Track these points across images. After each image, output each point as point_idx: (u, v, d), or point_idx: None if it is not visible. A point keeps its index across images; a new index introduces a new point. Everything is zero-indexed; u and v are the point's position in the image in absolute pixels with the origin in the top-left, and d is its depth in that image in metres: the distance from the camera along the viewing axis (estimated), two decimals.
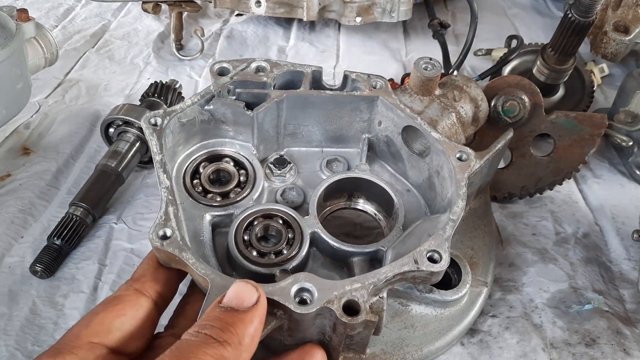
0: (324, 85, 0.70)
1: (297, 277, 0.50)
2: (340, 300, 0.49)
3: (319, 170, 0.73)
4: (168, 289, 0.54)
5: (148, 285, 0.52)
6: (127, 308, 0.49)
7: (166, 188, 0.57)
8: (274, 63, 0.70)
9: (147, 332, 0.51)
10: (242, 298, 0.45)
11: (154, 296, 0.52)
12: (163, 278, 0.54)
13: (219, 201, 0.66)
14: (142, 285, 0.52)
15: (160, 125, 0.62)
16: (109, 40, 1.23)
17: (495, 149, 0.65)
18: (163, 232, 0.53)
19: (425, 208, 0.70)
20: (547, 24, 1.30)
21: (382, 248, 0.62)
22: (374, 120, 0.72)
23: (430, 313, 0.64)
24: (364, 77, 0.70)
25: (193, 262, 0.51)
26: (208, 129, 0.69)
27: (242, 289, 0.45)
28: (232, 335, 0.42)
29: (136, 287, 0.51)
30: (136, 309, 0.50)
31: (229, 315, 0.44)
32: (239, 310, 0.44)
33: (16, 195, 0.83)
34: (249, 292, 0.45)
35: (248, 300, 0.45)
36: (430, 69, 0.68)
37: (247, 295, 0.45)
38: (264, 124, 0.69)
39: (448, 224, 0.56)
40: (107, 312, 0.49)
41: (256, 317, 0.45)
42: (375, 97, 0.69)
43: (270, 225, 0.64)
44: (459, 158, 0.62)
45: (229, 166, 0.69)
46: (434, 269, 0.52)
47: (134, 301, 0.50)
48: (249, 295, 0.45)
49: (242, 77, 0.68)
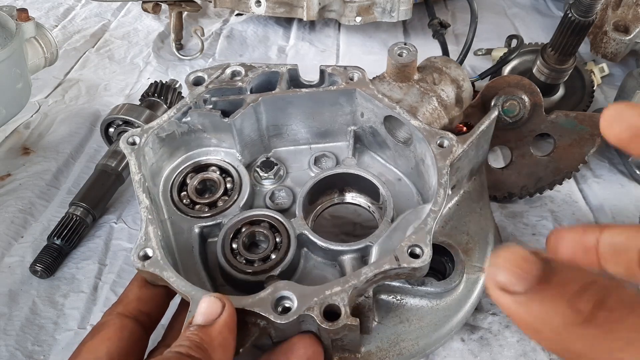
0: (302, 82, 0.69)
1: (276, 286, 0.50)
2: (320, 306, 0.48)
3: (307, 168, 0.72)
4: (154, 307, 0.55)
5: (132, 307, 0.53)
6: (112, 332, 0.50)
7: (145, 207, 0.57)
8: (249, 66, 0.68)
9: (136, 352, 0.51)
10: (209, 313, 0.46)
11: (139, 317, 0.52)
12: (147, 297, 0.54)
13: (207, 211, 0.65)
14: (126, 307, 0.53)
15: (138, 143, 0.61)
16: (109, 40, 1.23)
17: (478, 130, 0.62)
18: (144, 253, 0.53)
19: (418, 196, 0.68)
20: (547, 23, 1.30)
21: (371, 244, 0.61)
22: (357, 112, 0.70)
23: (426, 305, 0.62)
24: (340, 70, 0.68)
25: (174, 280, 0.51)
26: (190, 139, 0.68)
27: (208, 304, 0.46)
28: (201, 351, 0.43)
29: (119, 311, 0.52)
30: (121, 331, 0.50)
31: (198, 332, 0.45)
32: (207, 326, 0.45)
33: (16, 195, 0.83)
34: (214, 304, 0.46)
35: (215, 314, 0.46)
36: (406, 54, 0.67)
37: (213, 309, 0.46)
38: (244, 130, 0.68)
39: (429, 216, 0.54)
40: (94, 339, 0.50)
41: (222, 327, 0.46)
42: (352, 90, 0.67)
43: (256, 231, 0.63)
44: (440, 145, 0.60)
45: (215, 175, 0.68)
46: (416, 264, 0.50)
47: (118, 325, 0.51)
48: (215, 308, 0.46)
49: (218, 85, 0.67)
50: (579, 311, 0.28)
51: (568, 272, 0.29)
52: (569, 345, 0.28)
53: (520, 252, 0.29)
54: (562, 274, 0.29)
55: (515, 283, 0.29)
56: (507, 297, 0.29)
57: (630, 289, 0.28)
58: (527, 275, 0.29)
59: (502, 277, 0.29)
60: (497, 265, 0.29)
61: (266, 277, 0.59)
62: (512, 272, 0.29)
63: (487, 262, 0.66)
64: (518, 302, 0.29)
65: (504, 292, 0.29)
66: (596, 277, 0.29)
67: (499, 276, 0.29)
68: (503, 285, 0.29)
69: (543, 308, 0.28)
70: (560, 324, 0.28)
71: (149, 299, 0.54)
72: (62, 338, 0.66)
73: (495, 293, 0.30)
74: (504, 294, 0.29)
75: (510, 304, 0.29)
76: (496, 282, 0.29)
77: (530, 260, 0.29)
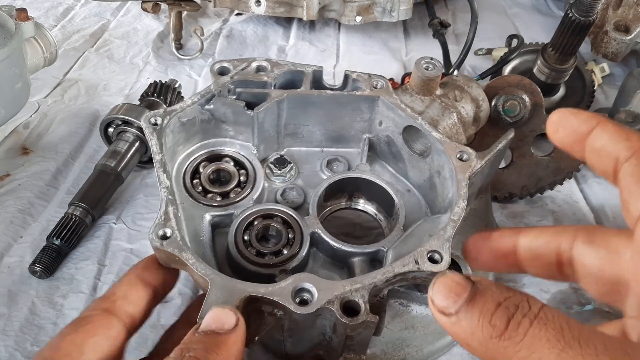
0: (324, 85, 0.70)
1: (297, 277, 0.50)
2: (340, 300, 0.49)
3: (319, 170, 0.73)
4: (140, 310, 0.51)
5: (118, 305, 0.49)
6: (98, 329, 0.46)
7: (166, 188, 0.57)
8: (275, 63, 0.69)
9: (118, 355, 0.48)
10: (222, 322, 0.44)
11: (124, 317, 0.49)
12: (135, 299, 0.51)
13: (219, 201, 0.65)
14: (112, 304, 0.49)
15: (160, 124, 0.62)
16: (108, 40, 1.22)
17: (496, 149, 0.65)
18: (163, 232, 0.53)
19: (426, 208, 0.70)
20: (547, 23, 1.30)
21: (383, 248, 0.62)
22: (375, 120, 0.71)
23: (431, 314, 0.63)
24: (364, 77, 0.70)
25: (193, 262, 0.51)
26: (208, 128, 0.69)
27: (221, 313, 0.44)
28: (217, 356, 0.41)
29: (105, 307, 0.48)
30: (108, 329, 0.47)
31: (210, 338, 0.43)
32: (221, 333, 0.43)
33: (15, 195, 0.82)
34: (227, 315, 0.44)
35: (228, 324, 0.44)
36: (432, 69, 0.68)
37: (226, 319, 0.44)
38: (265, 124, 0.69)
39: (449, 224, 0.55)
40: (78, 334, 0.46)
41: (239, 339, 0.44)
42: (376, 97, 0.68)
43: (270, 225, 0.64)
44: (459, 158, 0.62)
45: (229, 166, 0.69)
46: (435, 269, 0.52)
47: (104, 322, 0.47)
48: (227, 318, 0.44)
49: (243, 77, 0.67)
50: (495, 326, 0.33)
51: (488, 291, 0.35)
52: (494, 356, 0.34)
53: (453, 278, 0.36)
54: (484, 293, 0.35)
55: (448, 306, 0.35)
56: (443, 317, 0.36)
57: (534, 303, 0.34)
58: (457, 298, 0.35)
59: (438, 300, 0.36)
60: (437, 289, 0.36)
61: (279, 271, 0.59)
62: (446, 296, 0.35)
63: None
64: (451, 322, 0.35)
65: (441, 313, 0.36)
66: (511, 294, 0.34)
67: (436, 300, 0.36)
68: (440, 308, 0.36)
69: (470, 325, 0.34)
70: (483, 338, 0.33)
71: (136, 301, 0.51)
72: None
73: (435, 314, 0.36)
74: (441, 315, 0.36)
75: (446, 322, 0.36)
76: (435, 306, 0.36)
77: (461, 285, 0.35)
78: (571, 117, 0.42)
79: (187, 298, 0.69)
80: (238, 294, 0.48)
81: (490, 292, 0.35)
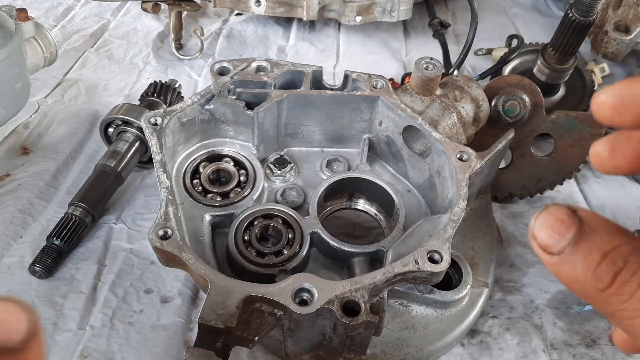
0: (324, 85, 0.70)
1: (297, 277, 0.50)
2: (340, 300, 0.49)
3: (319, 170, 0.73)
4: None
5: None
6: None
7: (166, 188, 0.57)
8: (275, 63, 0.69)
9: None
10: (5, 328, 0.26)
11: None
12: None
13: (219, 201, 0.65)
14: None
15: (160, 124, 0.62)
16: (108, 40, 1.22)
17: (496, 149, 0.65)
18: (163, 232, 0.53)
19: (426, 208, 0.70)
20: (547, 23, 1.30)
21: (383, 248, 0.62)
22: (375, 120, 0.71)
23: (431, 314, 0.64)
24: (364, 77, 0.70)
25: (193, 262, 0.51)
26: (208, 128, 0.69)
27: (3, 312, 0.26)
28: None
29: None
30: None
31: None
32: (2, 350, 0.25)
33: (15, 195, 0.82)
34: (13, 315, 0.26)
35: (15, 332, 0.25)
36: (432, 69, 0.68)
37: (11, 320, 0.26)
38: (265, 124, 0.69)
39: (449, 225, 0.55)
40: None
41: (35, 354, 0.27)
42: (376, 97, 0.68)
43: (270, 225, 0.64)
44: (459, 158, 0.62)
45: (229, 166, 0.69)
46: (435, 269, 0.52)
47: None
48: (13, 321, 0.26)
49: (243, 77, 0.67)
50: (600, 279, 0.30)
51: (595, 236, 0.31)
52: (597, 304, 0.31)
53: (557, 214, 0.32)
54: (589, 238, 0.31)
55: (550, 245, 0.32)
56: (544, 254, 0.33)
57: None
58: (560, 238, 0.32)
59: (541, 237, 0.32)
60: (539, 225, 0.32)
61: (278, 271, 0.59)
62: (549, 234, 0.32)
63: (490, 278, 0.67)
64: (552, 262, 0.32)
65: (542, 250, 0.32)
66: (621, 241, 0.31)
67: (539, 236, 0.32)
68: (541, 245, 0.32)
69: (573, 271, 0.32)
70: (586, 287, 0.31)
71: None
72: (61, 339, 0.66)
73: (535, 249, 0.33)
74: (542, 252, 0.33)
75: (546, 260, 0.33)
76: (537, 241, 0.33)
77: (565, 224, 0.32)
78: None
79: (187, 298, 0.69)
80: (238, 293, 0.48)
81: (597, 238, 0.31)
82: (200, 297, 0.70)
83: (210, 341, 0.47)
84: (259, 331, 0.49)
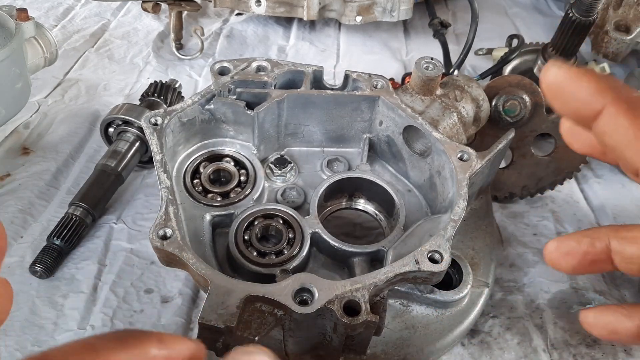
0: (324, 85, 0.70)
1: (297, 277, 0.50)
2: (341, 300, 0.49)
3: (319, 170, 0.73)
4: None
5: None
6: None
7: (166, 188, 0.57)
8: (275, 63, 0.69)
9: None
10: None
11: None
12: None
13: (220, 201, 0.65)
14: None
15: (160, 124, 0.62)
16: (109, 40, 1.22)
17: (496, 149, 0.65)
18: (163, 232, 0.53)
19: (427, 208, 0.70)
20: (548, 23, 1.30)
21: (383, 248, 0.62)
22: (375, 120, 0.71)
23: (432, 314, 0.64)
24: (365, 77, 0.70)
25: (193, 262, 0.51)
26: (208, 128, 0.69)
27: None
28: None
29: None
30: None
31: None
32: None
33: (15, 195, 0.82)
34: None
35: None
36: (432, 69, 0.68)
37: None
38: (265, 124, 0.69)
39: (449, 224, 0.55)
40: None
41: None
42: (376, 97, 0.68)
43: (270, 225, 0.64)
44: (460, 158, 0.62)
45: (230, 166, 0.69)
46: (435, 269, 0.52)
47: None
48: None
49: (243, 77, 0.68)
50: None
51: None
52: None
53: None
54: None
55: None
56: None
57: None
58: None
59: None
60: None
61: (279, 271, 0.59)
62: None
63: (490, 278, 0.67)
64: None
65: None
66: None
67: None
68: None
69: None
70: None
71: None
72: (61, 339, 0.66)
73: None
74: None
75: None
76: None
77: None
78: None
79: (187, 298, 0.69)
80: (238, 293, 0.48)
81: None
82: (200, 297, 0.71)
83: (211, 341, 0.48)
84: (259, 331, 0.49)
